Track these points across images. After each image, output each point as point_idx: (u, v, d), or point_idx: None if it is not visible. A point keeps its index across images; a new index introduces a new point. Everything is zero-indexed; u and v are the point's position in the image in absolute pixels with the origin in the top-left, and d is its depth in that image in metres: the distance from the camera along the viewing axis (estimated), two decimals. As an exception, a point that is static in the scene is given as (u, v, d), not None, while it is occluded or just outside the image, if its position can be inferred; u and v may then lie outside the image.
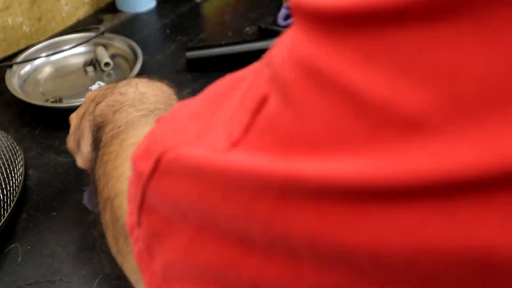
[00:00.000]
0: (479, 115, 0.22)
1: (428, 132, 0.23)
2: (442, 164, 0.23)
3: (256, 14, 1.39)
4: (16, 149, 1.01)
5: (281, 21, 1.30)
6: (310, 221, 0.26)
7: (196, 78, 1.21)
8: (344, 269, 0.26)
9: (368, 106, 0.25)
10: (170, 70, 1.24)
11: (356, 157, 0.25)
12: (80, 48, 1.26)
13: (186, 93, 1.17)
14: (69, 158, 1.04)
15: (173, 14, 1.41)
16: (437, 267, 0.23)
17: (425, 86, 0.23)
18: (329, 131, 0.26)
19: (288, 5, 1.30)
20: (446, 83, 0.23)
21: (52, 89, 1.19)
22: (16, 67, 1.21)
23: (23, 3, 1.30)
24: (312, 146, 0.26)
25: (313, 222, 0.26)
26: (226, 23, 1.38)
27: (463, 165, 0.22)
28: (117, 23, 1.40)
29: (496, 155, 0.22)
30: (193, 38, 1.33)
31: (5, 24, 1.28)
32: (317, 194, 0.26)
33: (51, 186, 0.99)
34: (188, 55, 1.22)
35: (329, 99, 0.26)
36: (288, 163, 0.27)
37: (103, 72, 1.22)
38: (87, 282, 0.83)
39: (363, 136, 0.25)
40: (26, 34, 1.33)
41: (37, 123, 1.13)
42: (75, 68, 1.24)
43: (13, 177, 0.95)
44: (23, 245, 0.90)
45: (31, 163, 1.04)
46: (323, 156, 0.26)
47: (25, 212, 0.95)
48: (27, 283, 0.84)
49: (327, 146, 0.26)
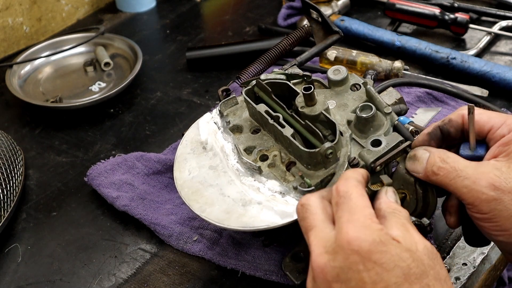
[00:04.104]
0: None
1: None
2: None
3: (256, 14, 1.39)
4: (16, 149, 1.01)
5: (281, 21, 1.30)
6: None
7: (196, 78, 1.21)
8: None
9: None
10: (170, 70, 1.24)
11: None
12: (80, 48, 1.26)
13: (186, 93, 1.17)
14: (69, 158, 1.04)
15: (173, 14, 1.41)
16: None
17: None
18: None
19: (288, 5, 1.30)
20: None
21: (52, 89, 1.19)
22: (16, 67, 1.21)
23: (23, 3, 1.30)
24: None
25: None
26: (226, 23, 1.38)
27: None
28: (117, 23, 1.40)
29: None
30: (193, 38, 1.33)
31: (5, 24, 1.28)
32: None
33: (51, 186, 0.99)
34: (188, 55, 1.22)
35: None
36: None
37: (103, 72, 1.22)
38: (87, 282, 0.83)
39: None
40: (26, 34, 1.33)
41: (37, 123, 1.13)
42: (75, 68, 1.24)
43: (13, 177, 0.95)
44: (23, 245, 0.90)
45: (31, 163, 1.04)
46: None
47: (25, 212, 0.95)
48: (27, 283, 0.84)
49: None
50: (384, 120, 0.75)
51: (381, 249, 0.56)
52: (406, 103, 0.85)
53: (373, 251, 0.56)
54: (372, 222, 0.58)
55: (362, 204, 0.60)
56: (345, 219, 0.58)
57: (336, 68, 0.81)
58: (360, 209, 0.59)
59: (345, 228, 0.58)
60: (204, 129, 0.83)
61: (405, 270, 0.56)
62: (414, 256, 0.57)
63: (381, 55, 1.14)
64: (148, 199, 0.91)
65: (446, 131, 0.69)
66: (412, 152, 0.69)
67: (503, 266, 0.85)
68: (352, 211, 0.59)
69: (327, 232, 0.60)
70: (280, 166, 0.76)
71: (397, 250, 0.57)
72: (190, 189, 0.77)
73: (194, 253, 0.85)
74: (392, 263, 0.56)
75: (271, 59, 0.98)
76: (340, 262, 0.57)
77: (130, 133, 1.08)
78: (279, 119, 0.75)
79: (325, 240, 0.59)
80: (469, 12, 1.25)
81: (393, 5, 1.24)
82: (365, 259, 0.56)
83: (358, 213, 0.59)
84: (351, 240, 0.57)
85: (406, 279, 0.56)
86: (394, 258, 0.56)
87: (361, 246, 0.56)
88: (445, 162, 0.65)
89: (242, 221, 0.72)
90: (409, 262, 0.56)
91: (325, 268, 0.57)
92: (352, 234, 0.57)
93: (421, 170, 0.67)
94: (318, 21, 1.00)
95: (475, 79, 1.10)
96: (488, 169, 0.63)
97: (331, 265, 0.57)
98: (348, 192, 0.61)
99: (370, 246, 0.56)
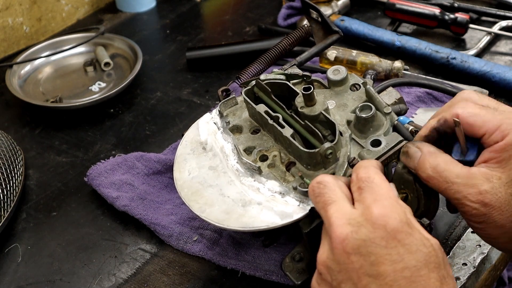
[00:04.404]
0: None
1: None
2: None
3: (256, 14, 1.39)
4: (16, 149, 1.01)
5: (281, 21, 1.30)
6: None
7: (196, 78, 1.21)
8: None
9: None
10: (170, 70, 1.24)
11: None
12: (80, 48, 1.26)
13: (186, 93, 1.17)
14: (69, 158, 1.04)
15: (173, 14, 1.41)
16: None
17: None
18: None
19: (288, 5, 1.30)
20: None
21: (52, 89, 1.19)
22: (16, 67, 1.21)
23: (23, 3, 1.30)
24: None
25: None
26: (226, 23, 1.38)
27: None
28: (117, 23, 1.40)
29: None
30: (193, 38, 1.33)
31: (5, 24, 1.28)
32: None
33: (51, 186, 0.99)
34: (188, 55, 1.22)
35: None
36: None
37: (103, 72, 1.22)
38: (87, 282, 0.83)
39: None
40: (26, 34, 1.33)
41: (37, 123, 1.13)
42: (75, 68, 1.24)
43: (13, 177, 0.95)
44: (23, 245, 0.90)
45: (31, 163, 1.04)
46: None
47: (25, 212, 0.95)
48: (27, 283, 0.84)
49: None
50: (384, 120, 0.75)
51: (407, 230, 0.57)
52: (406, 103, 0.85)
53: (399, 230, 0.56)
54: (398, 204, 0.59)
55: (386, 187, 0.61)
56: (372, 199, 0.59)
57: (335, 68, 0.81)
58: (385, 191, 0.60)
59: (372, 205, 0.58)
60: (203, 130, 0.83)
61: (426, 257, 0.57)
62: (434, 246, 0.58)
63: (381, 55, 1.14)
64: (148, 199, 0.91)
65: (443, 132, 0.69)
66: (405, 147, 0.69)
67: (503, 266, 0.85)
68: (378, 192, 0.60)
69: (348, 207, 0.60)
70: (279, 167, 0.76)
71: (421, 236, 0.57)
72: (190, 190, 0.77)
73: (194, 253, 0.85)
74: (415, 246, 0.56)
75: (270, 59, 0.98)
76: (363, 235, 0.57)
77: (130, 133, 1.08)
78: (278, 119, 0.75)
79: (348, 213, 0.59)
80: (469, 12, 1.25)
81: (393, 5, 1.24)
82: (390, 237, 0.56)
83: (384, 194, 0.59)
84: (378, 216, 0.57)
85: (426, 265, 0.56)
86: (417, 242, 0.57)
87: (388, 222, 0.57)
88: (435, 171, 0.65)
89: (242, 222, 0.72)
90: (430, 249, 0.57)
91: (346, 239, 0.57)
92: (379, 211, 0.57)
93: (413, 167, 0.68)
94: (318, 21, 1.00)
95: (475, 79, 1.10)
96: (479, 181, 0.63)
97: (354, 237, 0.57)
98: (371, 177, 0.62)
99: (398, 224, 0.57)
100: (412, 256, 0.56)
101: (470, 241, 0.82)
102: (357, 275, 0.57)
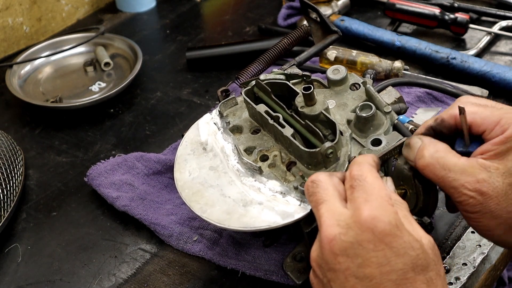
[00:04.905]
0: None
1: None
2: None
3: (256, 14, 1.39)
4: (16, 149, 1.01)
5: (281, 21, 1.30)
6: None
7: (196, 78, 1.21)
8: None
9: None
10: (170, 70, 1.24)
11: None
12: (80, 48, 1.26)
13: (186, 93, 1.17)
14: (69, 158, 1.04)
15: (173, 14, 1.41)
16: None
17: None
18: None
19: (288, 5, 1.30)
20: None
21: (52, 89, 1.19)
22: (16, 67, 1.21)
23: (23, 3, 1.30)
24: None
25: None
26: (226, 23, 1.38)
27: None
28: (117, 23, 1.40)
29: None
30: (193, 38, 1.33)
31: (5, 24, 1.28)
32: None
33: (51, 186, 0.99)
34: (188, 55, 1.22)
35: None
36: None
37: (103, 72, 1.22)
38: (87, 282, 0.83)
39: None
40: (26, 34, 1.33)
41: (37, 123, 1.13)
42: (75, 68, 1.24)
43: (13, 177, 0.95)
44: (23, 245, 0.90)
45: (31, 163, 1.04)
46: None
47: (25, 212, 0.95)
48: (27, 283, 0.84)
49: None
50: (384, 119, 0.76)
51: (395, 233, 0.57)
52: (406, 103, 0.86)
53: (387, 233, 0.56)
54: (389, 204, 0.58)
55: (378, 186, 0.60)
56: (362, 199, 0.59)
57: (335, 67, 0.81)
58: (377, 191, 0.60)
59: (362, 207, 0.58)
60: (204, 130, 0.83)
61: (414, 260, 0.56)
62: (423, 248, 0.57)
63: (381, 55, 1.14)
64: (148, 199, 0.91)
65: (439, 131, 0.70)
66: (407, 139, 0.69)
67: (503, 266, 0.85)
68: (369, 192, 0.60)
69: (339, 207, 0.60)
70: (280, 166, 0.76)
71: (410, 238, 0.57)
72: (191, 190, 0.77)
73: (194, 253, 0.85)
74: (402, 249, 0.56)
75: (270, 59, 0.98)
76: (351, 237, 0.57)
77: (130, 133, 1.08)
78: (279, 119, 0.75)
79: (338, 214, 0.59)
80: (469, 12, 1.25)
81: (393, 5, 1.24)
82: (377, 240, 0.56)
83: (375, 194, 0.59)
84: (367, 218, 0.57)
85: (413, 268, 0.56)
86: (405, 245, 0.56)
87: (376, 225, 0.56)
88: (434, 157, 0.65)
89: (243, 222, 0.72)
90: (419, 252, 0.57)
91: (333, 240, 0.58)
92: (369, 213, 0.57)
93: (413, 158, 0.68)
94: (317, 21, 1.00)
95: (475, 79, 1.10)
96: (476, 170, 0.63)
97: (341, 238, 0.57)
98: (363, 175, 0.61)
99: (385, 227, 0.56)
100: (399, 259, 0.56)
101: (470, 241, 0.82)
102: (344, 275, 0.57)
